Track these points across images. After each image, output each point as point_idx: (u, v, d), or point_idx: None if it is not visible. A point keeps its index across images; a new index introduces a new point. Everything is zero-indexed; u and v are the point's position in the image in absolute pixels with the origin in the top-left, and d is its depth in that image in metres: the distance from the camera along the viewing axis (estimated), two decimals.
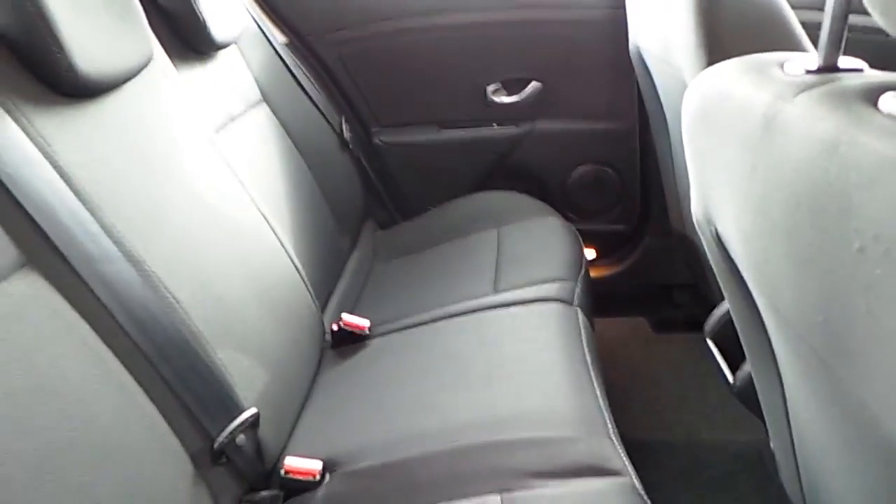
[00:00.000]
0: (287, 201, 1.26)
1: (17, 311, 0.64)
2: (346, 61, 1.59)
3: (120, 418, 0.70)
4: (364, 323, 1.16)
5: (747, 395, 0.84)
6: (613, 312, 1.72)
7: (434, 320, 1.16)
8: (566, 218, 1.48)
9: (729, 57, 0.58)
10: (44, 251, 0.69)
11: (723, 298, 0.72)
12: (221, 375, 0.84)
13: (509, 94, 1.61)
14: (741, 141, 0.47)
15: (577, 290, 1.20)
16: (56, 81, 0.75)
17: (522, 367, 0.98)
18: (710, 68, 0.59)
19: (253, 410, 0.85)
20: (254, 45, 1.35)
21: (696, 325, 1.00)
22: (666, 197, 1.48)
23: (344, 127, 1.56)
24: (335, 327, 1.17)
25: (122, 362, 0.73)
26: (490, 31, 1.54)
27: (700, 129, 0.57)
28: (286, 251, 1.12)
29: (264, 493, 0.87)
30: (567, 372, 0.96)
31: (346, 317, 1.16)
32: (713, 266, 0.66)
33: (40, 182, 0.70)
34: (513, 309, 1.14)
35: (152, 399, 0.75)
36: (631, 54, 1.33)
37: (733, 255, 0.59)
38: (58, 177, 0.72)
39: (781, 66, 0.51)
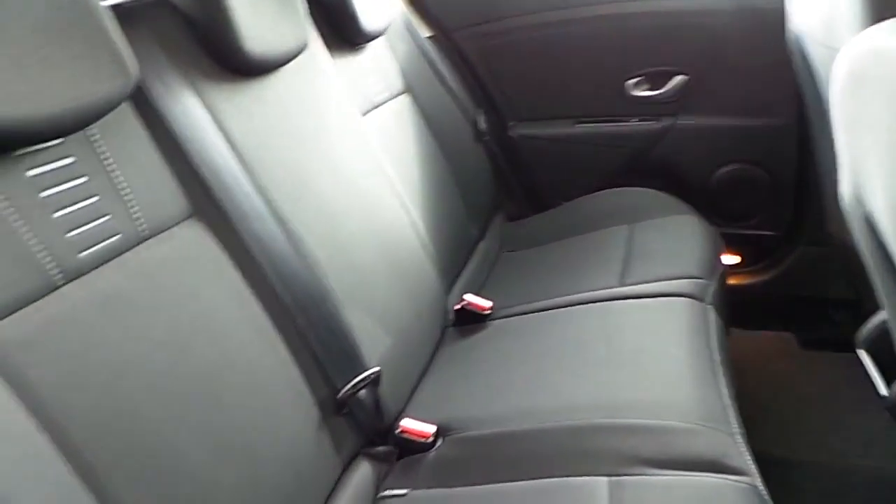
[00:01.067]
0: (421, 185, 1.32)
1: (185, 253, 0.74)
2: (487, 55, 1.64)
3: (259, 357, 0.78)
4: (486, 304, 1.19)
5: None
6: (756, 324, 1.59)
7: (556, 307, 1.16)
8: (708, 220, 1.40)
9: None
10: (208, 205, 0.79)
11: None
12: (349, 333, 0.90)
13: (651, 88, 1.56)
14: None
15: (712, 290, 1.14)
16: (227, 59, 0.86)
17: (644, 356, 0.95)
18: (865, 30, 0.54)
19: (375, 369, 0.91)
20: (400, 38, 1.44)
21: (853, 346, 0.91)
22: (824, 201, 1.35)
23: (481, 119, 1.60)
24: (458, 307, 1.20)
25: (265, 308, 0.81)
26: (632, 23, 1.50)
27: (851, 94, 0.52)
28: (417, 231, 1.18)
29: (381, 448, 0.93)
30: (691, 366, 0.92)
31: (470, 297, 1.19)
32: (867, 257, 0.60)
33: (210, 145, 0.80)
34: (639, 301, 1.11)
35: (288, 345, 0.82)
36: (788, 43, 1.23)
37: (885, 238, 0.53)
38: (224, 141, 0.83)
39: None
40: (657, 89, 1.55)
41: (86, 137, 0.66)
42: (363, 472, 0.89)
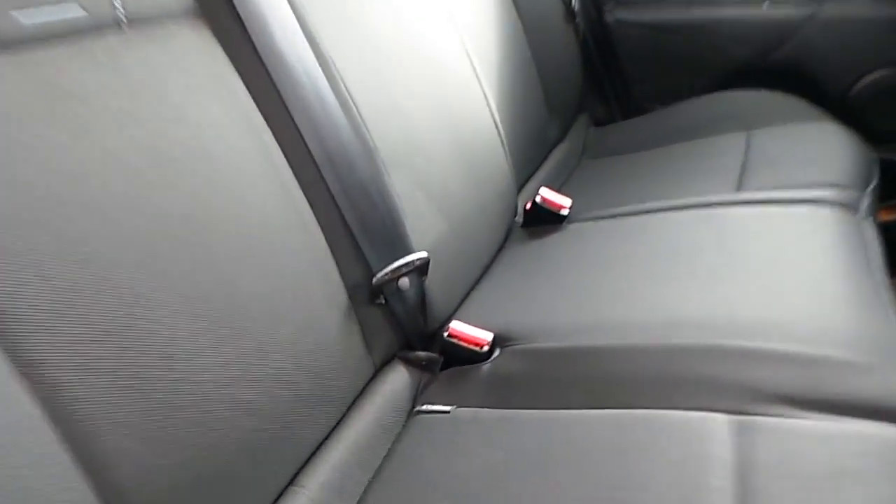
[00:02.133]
0: (500, 65, 1.09)
1: (180, 62, 0.55)
2: None
3: (276, 216, 0.60)
4: (565, 202, 0.97)
5: None
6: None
7: (650, 211, 0.93)
8: None
9: None
10: (222, 6, 0.59)
11: None
12: (394, 206, 0.71)
13: None
14: None
15: (867, 203, 0.88)
16: None
17: (779, 268, 0.72)
18: None
19: (423, 254, 0.72)
20: None
21: None
22: None
23: None
24: (529, 205, 0.99)
25: (288, 157, 0.62)
26: None
27: None
28: (493, 115, 0.96)
29: (422, 354, 0.74)
30: (848, 284, 0.68)
31: (546, 192, 0.97)
32: None
33: None
34: (768, 208, 0.86)
35: (314, 208, 0.64)
36: None
37: None
38: None
39: None
40: None
41: None
42: (399, 379, 0.71)
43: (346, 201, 0.67)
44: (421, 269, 0.72)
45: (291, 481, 0.57)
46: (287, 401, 0.57)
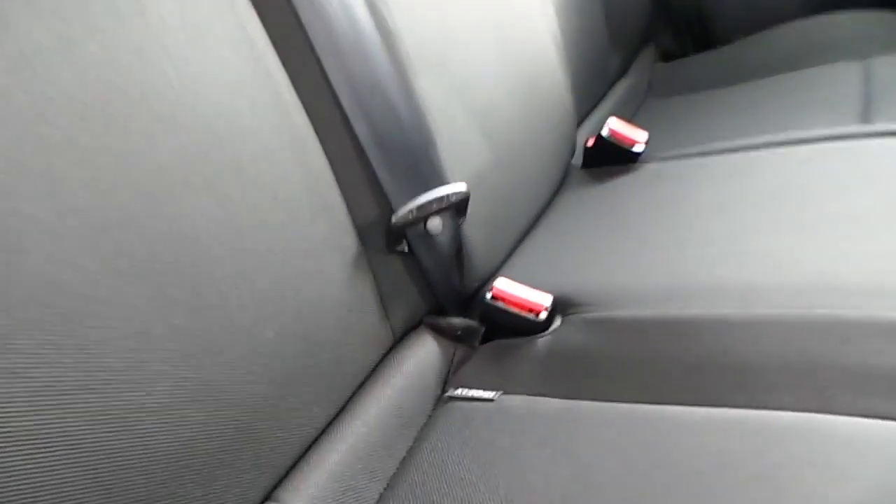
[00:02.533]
0: None
1: None
2: None
3: (272, 133, 0.41)
4: (640, 136, 0.77)
5: None
6: None
7: (752, 147, 0.72)
8: None
9: None
10: None
11: None
12: (423, 121, 0.52)
13: None
14: None
15: None
16: None
17: None
18: None
19: (460, 186, 0.53)
20: None
21: None
22: None
23: None
24: (592, 141, 0.79)
25: (283, 57, 0.44)
26: None
27: None
28: (550, 31, 0.76)
29: (457, 320, 0.56)
30: None
31: (615, 123, 0.77)
32: None
33: None
34: (881, 141, 0.65)
35: (307, 110, 0.45)
36: None
37: None
38: None
39: None
40: None
41: None
42: (424, 353, 0.54)
43: (356, 111, 0.48)
44: (458, 207, 0.54)
45: (268, 496, 0.41)
46: (266, 383, 0.39)
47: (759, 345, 0.45)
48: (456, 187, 0.53)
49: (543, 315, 0.53)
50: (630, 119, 1.04)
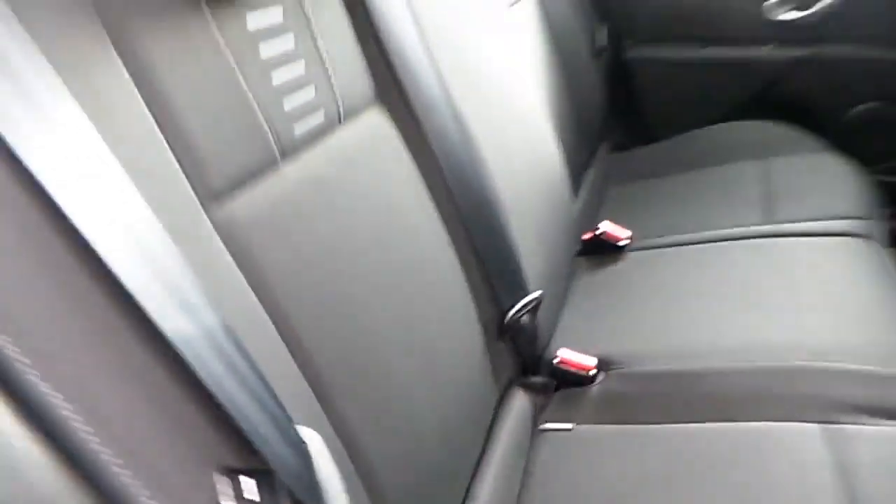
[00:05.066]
0: (550, 103, 1.20)
1: (373, 141, 0.65)
2: None
3: (436, 262, 0.70)
4: (625, 234, 1.09)
5: None
6: None
7: (702, 242, 1.06)
8: None
9: None
10: (393, 91, 0.68)
11: None
12: (515, 250, 0.82)
13: (796, 9, 1.41)
14: None
15: (883, 231, 1.03)
16: None
17: (830, 297, 0.86)
18: None
19: (539, 293, 0.83)
20: None
21: None
22: None
23: (602, 34, 1.46)
24: (589, 235, 1.11)
25: (439, 211, 0.72)
26: None
27: None
28: (556, 141, 1.07)
29: (537, 379, 0.85)
30: (888, 308, 0.82)
31: (607, 225, 1.09)
32: None
33: (398, 24, 0.69)
34: (800, 240, 1.01)
35: (458, 255, 0.74)
36: None
37: None
38: (413, 24, 0.71)
39: None
40: (801, 12, 1.40)
41: None
42: (521, 402, 0.82)
43: (481, 247, 0.77)
44: (535, 306, 0.83)
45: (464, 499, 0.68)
46: (449, 415, 0.67)
47: (727, 384, 0.77)
48: (537, 293, 0.82)
49: (593, 372, 0.84)
50: (601, 203, 1.37)
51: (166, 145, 0.43)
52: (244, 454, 0.38)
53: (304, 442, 0.42)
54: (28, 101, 0.33)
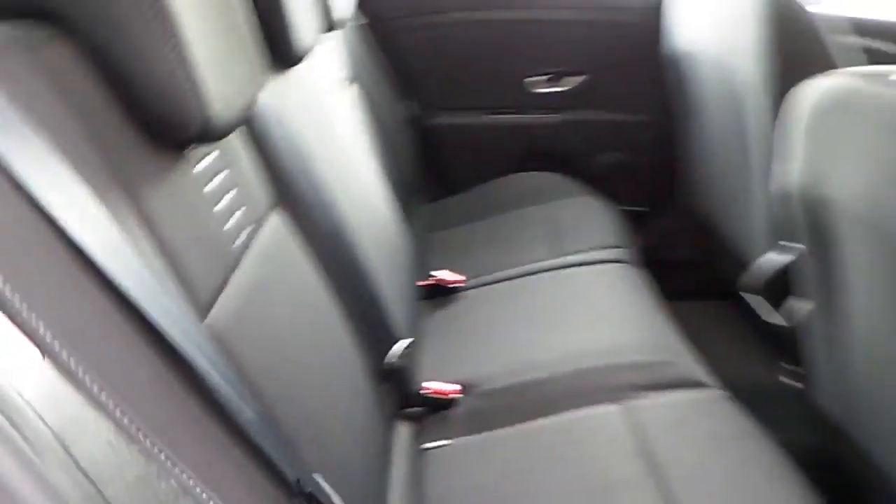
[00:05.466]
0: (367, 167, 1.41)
1: (280, 240, 0.79)
2: (412, 46, 1.75)
3: (329, 328, 0.85)
4: (460, 277, 1.34)
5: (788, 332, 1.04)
6: None
7: (515, 277, 1.35)
8: None
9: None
10: (290, 195, 0.83)
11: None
12: (386, 307, 1.00)
13: (552, 85, 1.81)
14: (888, 126, 0.67)
15: (635, 255, 1.42)
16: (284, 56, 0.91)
17: (606, 312, 1.19)
18: (827, 77, 0.78)
19: (410, 339, 1.02)
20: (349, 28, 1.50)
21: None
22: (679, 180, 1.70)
23: (414, 107, 1.72)
24: (427, 282, 1.33)
25: (330, 287, 0.88)
26: (531, 28, 1.74)
27: (829, 119, 0.76)
28: (392, 209, 1.28)
29: (413, 409, 1.04)
30: (650, 316, 1.18)
31: (442, 273, 1.33)
32: (801, 224, 0.84)
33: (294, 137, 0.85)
34: (580, 269, 1.35)
35: (345, 319, 0.90)
36: (664, 53, 1.55)
37: (837, 210, 0.77)
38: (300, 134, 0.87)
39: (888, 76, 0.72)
40: (553, 87, 1.81)
41: None
42: (404, 431, 1.00)
43: (358, 310, 0.94)
44: (408, 348, 1.02)
45: None
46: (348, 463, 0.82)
47: (545, 388, 1.03)
48: (409, 340, 1.02)
49: (457, 396, 1.05)
50: (425, 251, 1.61)
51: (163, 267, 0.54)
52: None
53: None
54: None
